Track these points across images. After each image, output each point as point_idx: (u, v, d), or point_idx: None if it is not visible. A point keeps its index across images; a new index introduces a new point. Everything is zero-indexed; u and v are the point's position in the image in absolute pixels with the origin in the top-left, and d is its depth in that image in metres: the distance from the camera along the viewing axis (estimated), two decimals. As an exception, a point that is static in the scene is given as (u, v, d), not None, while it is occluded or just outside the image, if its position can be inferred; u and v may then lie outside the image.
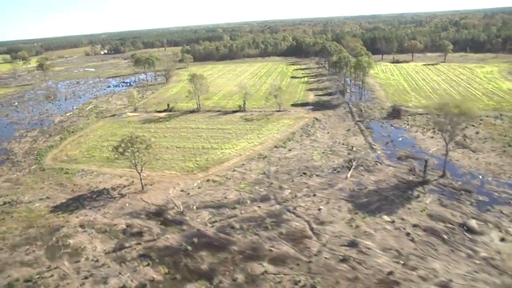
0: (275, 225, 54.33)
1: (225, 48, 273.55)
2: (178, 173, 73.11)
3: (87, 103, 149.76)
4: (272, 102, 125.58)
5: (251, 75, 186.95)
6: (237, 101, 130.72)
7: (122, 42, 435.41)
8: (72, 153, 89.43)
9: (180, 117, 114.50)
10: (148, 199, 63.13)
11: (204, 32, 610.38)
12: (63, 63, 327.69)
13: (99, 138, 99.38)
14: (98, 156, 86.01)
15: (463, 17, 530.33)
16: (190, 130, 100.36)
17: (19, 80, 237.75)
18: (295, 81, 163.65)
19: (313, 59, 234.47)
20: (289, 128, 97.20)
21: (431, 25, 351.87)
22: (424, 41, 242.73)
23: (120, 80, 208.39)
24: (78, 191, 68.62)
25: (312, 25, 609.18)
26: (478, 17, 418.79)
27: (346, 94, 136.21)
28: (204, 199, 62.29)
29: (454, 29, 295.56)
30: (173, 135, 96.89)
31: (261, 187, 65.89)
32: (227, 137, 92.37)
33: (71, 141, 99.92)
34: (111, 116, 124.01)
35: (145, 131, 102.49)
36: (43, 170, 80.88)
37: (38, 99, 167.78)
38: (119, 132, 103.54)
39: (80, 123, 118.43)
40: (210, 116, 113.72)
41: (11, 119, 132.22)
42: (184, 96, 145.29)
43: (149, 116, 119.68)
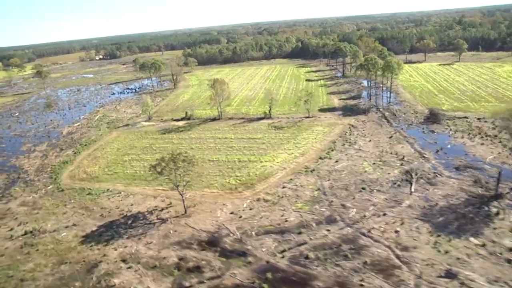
0: (354, 252, 47.15)
1: (228, 51, 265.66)
2: (220, 191, 65.07)
3: (94, 112, 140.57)
4: (297, 108, 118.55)
5: (262, 79, 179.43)
6: (257, 107, 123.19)
7: (118, 47, 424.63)
8: (91, 170, 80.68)
9: (201, 126, 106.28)
10: (195, 224, 55.00)
11: (199, 35, 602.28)
12: (58, 69, 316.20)
13: (118, 152, 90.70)
14: (122, 172, 77.43)
15: (461, 15, 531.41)
16: (218, 140, 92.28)
17: (15, 88, 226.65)
18: (312, 85, 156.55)
19: (321, 61, 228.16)
20: (326, 137, 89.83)
21: (434, 24, 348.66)
22: (433, 41, 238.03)
23: (124, 86, 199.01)
24: (108, 216, 60.14)
25: (308, 26, 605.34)
26: (476, 15, 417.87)
27: (372, 97, 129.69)
28: (261, 222, 54.44)
29: (460, 27, 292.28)
30: (201, 146, 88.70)
31: (322, 206, 58.43)
32: (262, 148, 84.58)
33: (86, 155, 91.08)
34: (124, 126, 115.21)
35: (167, 142, 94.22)
36: (61, 190, 72.05)
37: (40, 109, 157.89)
38: (137, 144, 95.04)
39: (91, 134, 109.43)
40: (235, 124, 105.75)
41: (14, 132, 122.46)
42: (199, 102, 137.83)
43: (166, 125, 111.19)
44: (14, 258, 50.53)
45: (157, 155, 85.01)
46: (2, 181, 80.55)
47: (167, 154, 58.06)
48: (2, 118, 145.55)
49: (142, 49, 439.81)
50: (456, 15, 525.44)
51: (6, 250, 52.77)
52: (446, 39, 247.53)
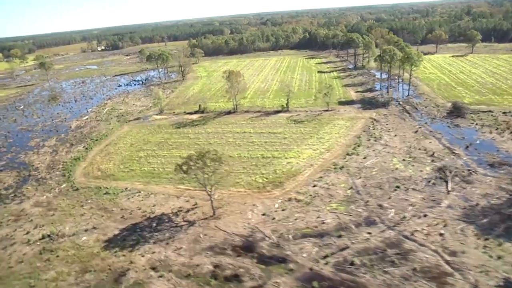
0: (401, 258, 43.82)
1: (234, 41, 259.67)
2: (248, 190, 61.32)
3: (101, 104, 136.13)
4: (314, 100, 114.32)
5: (273, 70, 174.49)
6: (272, 100, 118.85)
7: (120, 37, 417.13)
8: (105, 167, 76.78)
9: (216, 120, 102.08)
10: (226, 227, 51.34)
11: (201, 26, 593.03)
12: (60, 60, 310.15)
13: (131, 147, 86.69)
14: (139, 170, 73.53)
15: (465, 6, 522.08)
16: (236, 135, 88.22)
17: (18, 80, 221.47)
18: (325, 77, 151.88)
19: (330, 52, 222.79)
20: (350, 131, 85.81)
21: (441, 15, 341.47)
22: (444, 32, 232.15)
23: (130, 78, 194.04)
24: (130, 218, 56.44)
25: (311, 16, 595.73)
26: (483, 6, 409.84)
27: (389, 90, 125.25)
28: (297, 225, 50.81)
29: (469, 18, 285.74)
30: (219, 141, 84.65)
31: (358, 207, 54.83)
32: (284, 143, 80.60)
33: (98, 151, 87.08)
34: (135, 119, 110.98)
35: (183, 137, 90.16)
36: (76, 189, 68.24)
37: (45, 101, 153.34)
38: (152, 139, 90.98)
39: (101, 128, 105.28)
40: (251, 117, 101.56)
41: (21, 126, 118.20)
42: (210, 94, 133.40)
43: (179, 118, 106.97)
44: (34, 265, 46.94)
45: (174, 151, 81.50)
46: (13, 179, 76.72)
47: (194, 152, 54.15)
48: (7, 111, 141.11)
49: (145, 40, 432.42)
50: (461, 6, 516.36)
51: (24, 256, 49.16)
52: (457, 30, 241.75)
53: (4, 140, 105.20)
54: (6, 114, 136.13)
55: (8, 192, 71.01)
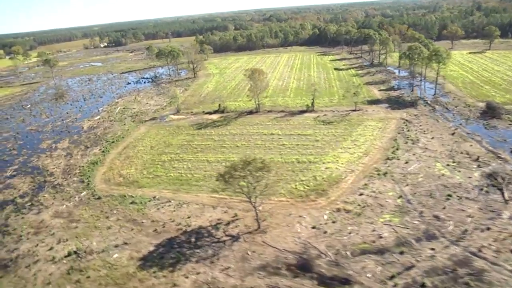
0: (475, 279, 39.22)
1: (243, 38, 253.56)
2: (290, 199, 56.12)
3: (112, 103, 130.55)
4: (338, 99, 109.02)
5: (287, 68, 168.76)
6: (294, 99, 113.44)
7: (123, 34, 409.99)
8: (127, 172, 71.45)
9: (239, 120, 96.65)
10: (275, 242, 46.15)
11: (204, 22, 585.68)
12: (63, 57, 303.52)
13: (152, 150, 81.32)
14: (164, 176, 68.22)
15: (471, 0, 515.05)
16: (264, 137, 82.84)
17: (21, 77, 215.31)
18: (343, 74, 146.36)
19: (343, 49, 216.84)
20: (383, 133, 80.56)
21: (451, 10, 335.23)
22: (460, 28, 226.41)
23: (138, 75, 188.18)
24: (164, 232, 51.19)
25: (314, 12, 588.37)
26: (491, 1, 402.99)
27: (414, 88, 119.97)
28: (352, 239, 45.73)
29: (481, 13, 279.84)
30: (247, 144, 79.31)
31: (413, 218, 49.87)
32: (318, 146, 75.31)
33: (117, 154, 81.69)
34: (151, 119, 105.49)
35: (207, 139, 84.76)
36: (98, 198, 62.93)
37: (52, 100, 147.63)
38: (173, 141, 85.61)
39: (116, 129, 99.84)
40: (276, 118, 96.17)
41: (30, 126, 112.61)
42: (227, 93, 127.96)
43: (198, 119, 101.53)
44: (64, 289, 41.83)
45: (200, 154, 76.21)
46: (27, 186, 71.38)
47: (238, 160, 48.86)
48: (14, 111, 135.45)
49: (148, 36, 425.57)
50: (468, 1, 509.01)
51: (51, 277, 43.97)
52: (470, 26, 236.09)
53: (14, 142, 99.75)
54: (13, 114, 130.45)
55: (24, 200, 65.71)
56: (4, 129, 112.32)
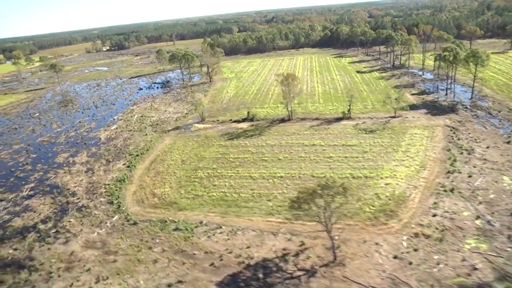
0: None
1: (253, 40, 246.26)
2: (358, 222, 48.49)
3: (127, 111, 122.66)
4: (372, 105, 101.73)
5: (306, 71, 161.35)
6: (324, 105, 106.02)
7: (125, 37, 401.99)
8: (161, 192, 63.65)
9: (273, 129, 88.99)
10: (358, 277, 38.50)
11: (205, 25, 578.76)
12: (66, 62, 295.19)
13: (184, 165, 73.53)
14: (206, 195, 60.45)
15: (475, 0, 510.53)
16: (306, 148, 75.24)
17: (25, 83, 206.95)
18: (368, 77, 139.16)
19: (358, 50, 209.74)
20: (433, 142, 73.37)
21: (460, 10, 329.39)
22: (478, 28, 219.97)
23: (149, 80, 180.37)
24: (223, 266, 43.40)
25: (317, 13, 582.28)
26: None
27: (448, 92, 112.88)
28: (443, 272, 38.59)
29: (492, 12, 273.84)
30: (290, 157, 71.67)
31: (502, 244, 43.03)
32: (368, 158, 67.87)
33: (144, 170, 73.83)
34: (174, 129, 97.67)
35: (243, 151, 77.05)
36: (134, 223, 55.06)
37: (62, 108, 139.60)
38: (205, 154, 77.86)
39: (138, 140, 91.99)
40: (312, 126, 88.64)
41: (42, 137, 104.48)
42: (250, 99, 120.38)
43: (227, 128, 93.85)
44: None
45: (240, 169, 68.50)
46: (49, 208, 63.42)
47: (315, 185, 41.27)
48: (22, 120, 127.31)
49: (151, 39, 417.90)
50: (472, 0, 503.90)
51: (98, 334, 36.15)
52: (484, 25, 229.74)
53: (26, 155, 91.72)
54: (21, 123, 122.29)
55: (48, 226, 57.72)
56: (14, 141, 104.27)
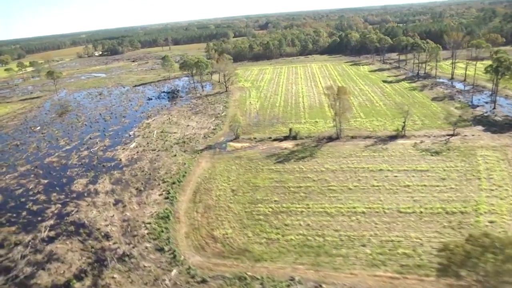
0: None
1: (259, 46, 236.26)
2: None
3: (143, 125, 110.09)
4: (421, 121, 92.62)
5: (328, 80, 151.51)
6: (369, 120, 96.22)
7: (119, 41, 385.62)
8: (222, 234, 52.13)
9: (323, 150, 78.39)
10: None
11: (196, 29, 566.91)
12: (58, 67, 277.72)
13: (237, 196, 62.17)
14: (282, 239, 49.42)
15: (467, 7, 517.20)
16: (373, 174, 65.04)
17: (18, 91, 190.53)
18: (398, 88, 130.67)
19: (372, 57, 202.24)
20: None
21: (465, 17, 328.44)
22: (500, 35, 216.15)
23: (155, 88, 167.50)
24: None
25: (313, 18, 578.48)
26: (497, 6, 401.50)
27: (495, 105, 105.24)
28: None
29: (500, 19, 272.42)
30: (361, 185, 61.28)
31: None
32: (451, 187, 58.80)
33: (189, 203, 62.08)
34: (207, 148, 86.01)
35: (302, 178, 66.25)
36: (203, 281, 43.45)
37: (65, 120, 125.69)
38: (258, 181, 66.70)
39: (167, 163, 79.95)
40: (367, 146, 78.63)
41: (50, 157, 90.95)
42: (281, 112, 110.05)
43: (269, 147, 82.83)
44: None
45: (309, 202, 57.93)
46: (79, 257, 50.94)
47: (468, 246, 30.93)
48: (22, 134, 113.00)
49: (144, 44, 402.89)
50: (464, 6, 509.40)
51: None
52: (498, 32, 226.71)
53: (36, 180, 78.41)
54: (23, 139, 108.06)
55: (85, 284, 45.54)
56: (18, 161, 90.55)
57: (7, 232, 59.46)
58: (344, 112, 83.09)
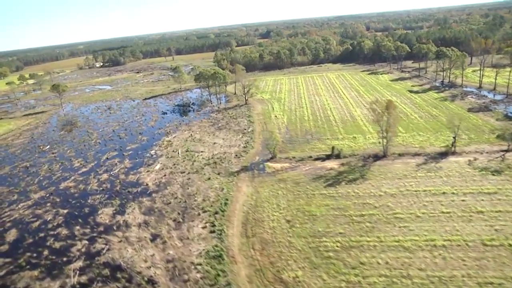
0: None
1: (269, 55, 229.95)
2: None
3: (163, 143, 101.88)
4: (468, 136, 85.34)
5: (350, 91, 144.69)
6: (410, 135, 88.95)
7: (120, 52, 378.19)
8: (293, 278, 43.95)
9: (373, 170, 70.49)
10: None
11: (195, 39, 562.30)
12: (59, 79, 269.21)
13: (295, 229, 53.97)
14: (363, 281, 41.50)
15: (468, 12, 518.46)
16: (438, 199, 57.52)
17: (20, 105, 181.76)
18: (428, 99, 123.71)
19: (389, 65, 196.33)
20: None
21: (472, 23, 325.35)
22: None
23: (167, 101, 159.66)
24: None
25: (314, 26, 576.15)
26: (502, 11, 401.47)
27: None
28: None
29: (510, 24, 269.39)
30: (429, 212, 53.79)
31: None
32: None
33: (241, 237, 53.81)
34: (242, 170, 77.94)
35: (361, 204, 58.50)
36: None
37: (76, 138, 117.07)
38: (312, 208, 58.79)
39: (202, 188, 71.53)
40: (419, 165, 71.02)
41: (65, 182, 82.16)
42: (313, 127, 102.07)
43: (312, 168, 74.89)
44: None
45: (379, 233, 50.65)
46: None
47: None
48: (30, 154, 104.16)
49: (146, 54, 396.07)
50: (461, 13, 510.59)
51: None
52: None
53: (54, 210, 69.59)
54: (32, 160, 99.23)
55: None
56: (30, 186, 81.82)
57: (29, 278, 50.74)
58: (393, 128, 75.63)
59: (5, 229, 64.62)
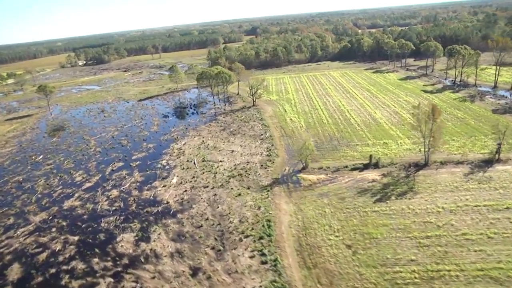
0: None
1: (266, 52, 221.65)
2: None
3: (173, 151, 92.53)
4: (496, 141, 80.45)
5: (360, 91, 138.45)
6: (441, 141, 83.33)
7: (104, 50, 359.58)
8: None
9: (419, 181, 63.94)
10: None
11: (179, 36, 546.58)
12: (41, 79, 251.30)
13: (359, 256, 46.60)
14: None
15: (454, 10, 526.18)
16: (504, 214, 51.98)
17: (1, 109, 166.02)
18: (446, 99, 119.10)
19: (393, 63, 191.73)
20: None
21: (465, 20, 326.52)
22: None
23: (165, 102, 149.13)
24: None
25: (299, 22, 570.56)
26: (490, 9, 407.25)
27: None
28: None
29: (505, 21, 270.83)
30: (500, 232, 47.80)
31: None
32: None
33: (301, 269, 46.17)
34: (274, 183, 69.94)
35: (420, 223, 52.42)
36: None
37: (71, 146, 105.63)
38: (370, 229, 51.69)
39: (234, 206, 63.11)
40: (466, 175, 64.94)
41: (69, 200, 71.76)
42: (334, 131, 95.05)
43: (352, 180, 67.80)
44: None
45: (455, 260, 43.78)
46: None
47: None
48: (22, 166, 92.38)
49: (130, 52, 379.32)
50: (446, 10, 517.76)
51: None
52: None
53: (62, 238, 59.36)
54: (25, 173, 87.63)
55: None
56: (27, 206, 71.04)
57: (47, 332, 41.34)
58: (438, 136, 69.41)
59: (5, 264, 54.35)
